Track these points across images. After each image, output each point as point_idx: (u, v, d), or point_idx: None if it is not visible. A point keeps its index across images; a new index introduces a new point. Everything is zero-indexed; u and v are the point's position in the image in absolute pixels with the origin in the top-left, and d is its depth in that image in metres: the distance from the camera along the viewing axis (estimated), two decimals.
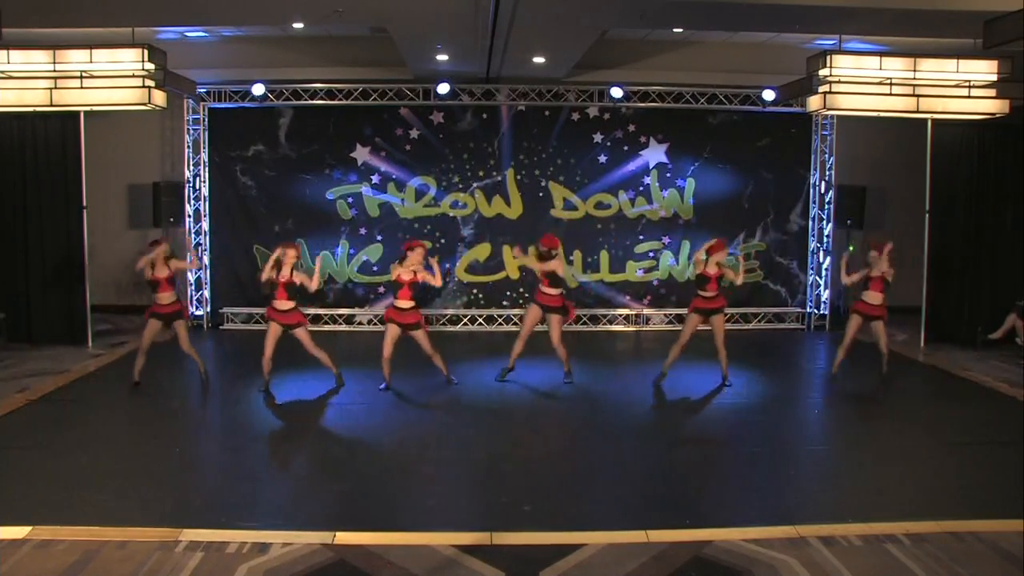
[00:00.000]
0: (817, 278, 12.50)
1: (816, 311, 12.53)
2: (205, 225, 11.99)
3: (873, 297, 8.92)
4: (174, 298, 8.55)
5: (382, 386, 8.48)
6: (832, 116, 11.95)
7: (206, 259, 12.01)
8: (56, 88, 8.85)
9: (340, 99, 11.79)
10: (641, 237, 12.28)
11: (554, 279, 8.71)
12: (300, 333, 8.29)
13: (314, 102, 11.79)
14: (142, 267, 8.40)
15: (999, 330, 10.25)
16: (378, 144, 11.93)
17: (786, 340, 11.89)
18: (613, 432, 7.44)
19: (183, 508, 5.56)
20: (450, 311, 12.18)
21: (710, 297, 8.74)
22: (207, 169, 11.91)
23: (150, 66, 8.75)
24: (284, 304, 8.20)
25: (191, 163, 11.90)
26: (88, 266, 10.61)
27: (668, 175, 12.25)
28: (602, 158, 12.16)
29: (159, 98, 9.13)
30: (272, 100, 11.71)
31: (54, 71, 8.73)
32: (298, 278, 8.17)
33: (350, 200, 12.01)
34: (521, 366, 9.09)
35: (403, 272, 8.33)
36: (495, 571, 4.65)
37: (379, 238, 12.03)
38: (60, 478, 6.06)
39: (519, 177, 12.12)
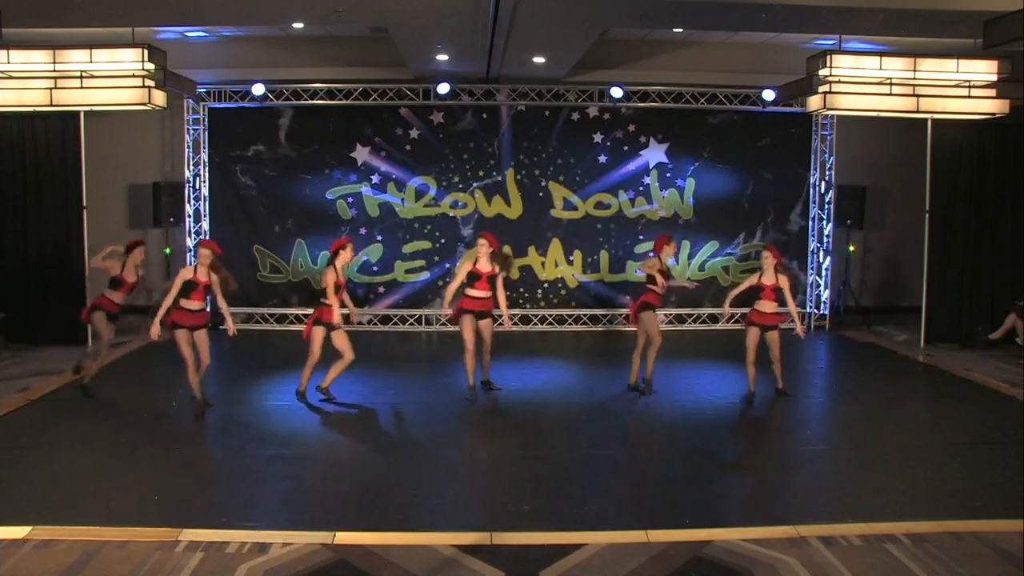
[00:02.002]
0: (817, 278, 12.50)
1: (816, 311, 12.53)
2: (205, 225, 11.98)
3: (767, 306, 8.23)
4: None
5: None
6: (832, 116, 11.96)
7: None
8: (56, 88, 8.84)
9: (340, 99, 11.79)
10: (641, 237, 12.28)
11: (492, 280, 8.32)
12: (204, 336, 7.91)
13: (314, 102, 11.80)
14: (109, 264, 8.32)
15: (999, 330, 10.25)
16: (378, 144, 11.93)
17: (786, 340, 11.81)
18: (613, 432, 7.44)
19: (183, 508, 5.56)
20: (450, 311, 12.16)
21: (661, 295, 8.59)
22: (207, 169, 11.91)
23: (150, 66, 8.76)
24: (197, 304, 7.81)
25: (191, 163, 11.90)
26: (88, 266, 10.60)
27: (668, 175, 12.25)
28: (602, 158, 12.16)
29: (159, 98, 9.13)
30: (272, 100, 11.71)
31: (54, 71, 8.73)
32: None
33: (350, 200, 12.01)
34: (521, 367, 9.07)
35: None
36: (495, 571, 4.65)
37: (379, 238, 12.03)
38: (60, 478, 6.06)
39: (519, 177, 12.13)
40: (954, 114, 9.67)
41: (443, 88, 11.51)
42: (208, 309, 8.07)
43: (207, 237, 11.97)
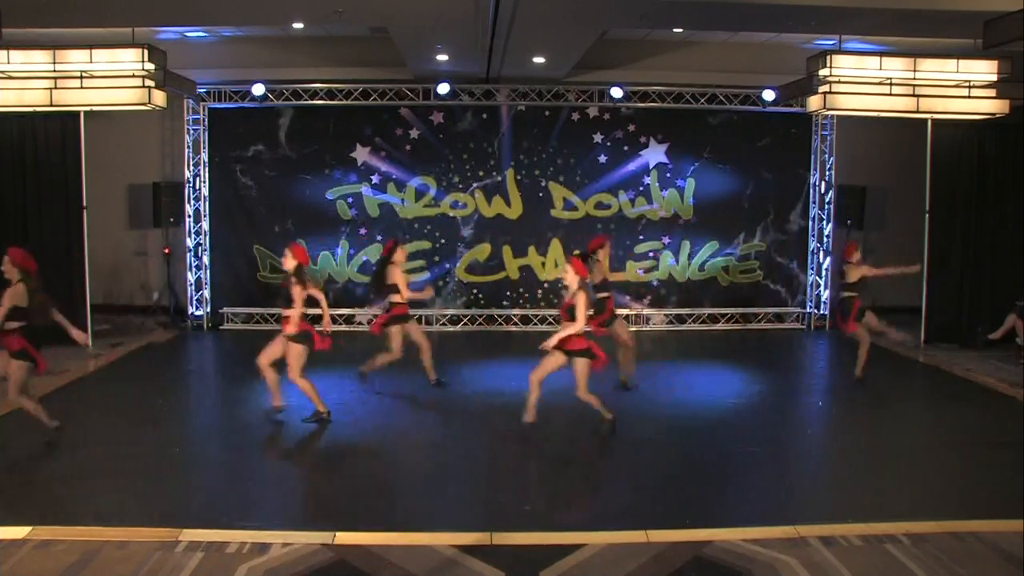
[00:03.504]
0: (817, 278, 12.50)
1: (816, 311, 12.53)
2: (205, 225, 11.98)
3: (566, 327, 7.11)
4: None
5: None
6: (832, 116, 11.95)
7: (206, 259, 12.01)
8: (56, 88, 8.85)
9: (340, 99, 11.79)
10: (641, 237, 12.28)
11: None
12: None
13: (314, 102, 11.79)
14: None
15: (999, 330, 10.23)
16: (378, 144, 11.93)
17: (786, 340, 11.88)
18: (613, 432, 7.42)
19: (183, 508, 5.55)
20: (450, 311, 12.18)
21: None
22: (207, 169, 11.91)
23: (150, 66, 8.76)
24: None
25: (191, 163, 11.90)
26: (88, 266, 10.60)
27: (668, 175, 12.25)
28: (602, 158, 12.16)
29: (159, 98, 9.14)
30: (272, 100, 11.71)
31: (54, 71, 8.74)
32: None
33: (350, 200, 12.01)
34: (521, 367, 9.07)
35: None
36: (495, 571, 4.65)
37: (379, 238, 12.02)
38: (60, 478, 6.05)
39: (519, 177, 12.13)
40: (954, 114, 9.67)
41: (443, 88, 11.52)
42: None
43: (207, 237, 11.97)
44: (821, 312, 12.50)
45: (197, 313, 12.06)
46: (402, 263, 8.54)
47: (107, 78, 8.87)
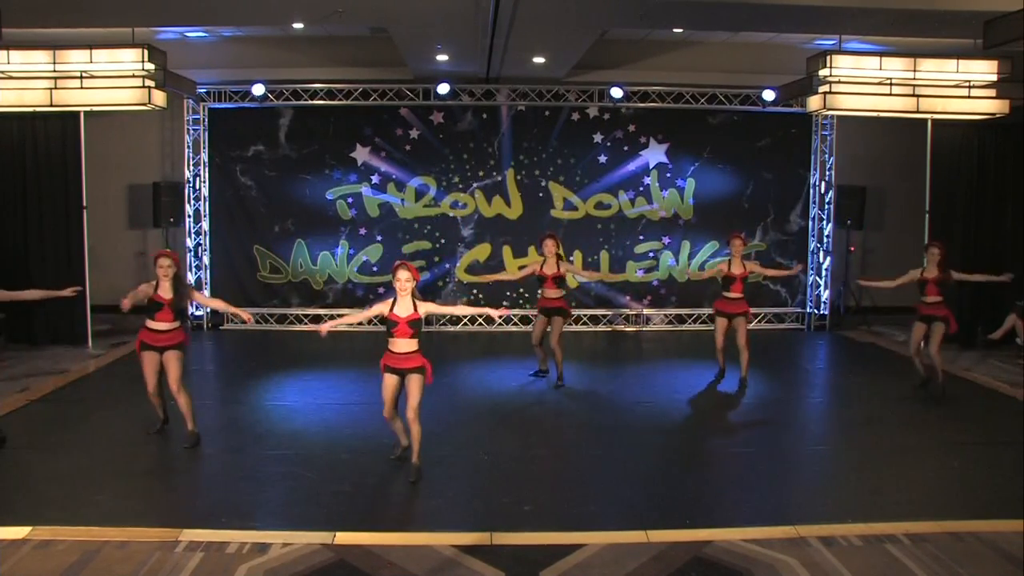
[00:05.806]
0: (817, 278, 12.50)
1: (816, 311, 12.52)
2: (205, 225, 11.98)
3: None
4: None
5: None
6: (832, 116, 11.95)
7: (206, 259, 12.01)
8: (56, 88, 8.86)
9: (340, 99, 11.79)
10: (641, 237, 12.28)
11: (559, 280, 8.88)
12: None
13: (314, 102, 11.79)
14: None
15: (999, 330, 10.23)
16: (378, 144, 11.93)
17: (786, 340, 11.88)
18: (613, 432, 7.44)
19: (183, 508, 5.56)
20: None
21: (734, 299, 8.90)
22: (207, 169, 11.91)
23: (150, 66, 8.77)
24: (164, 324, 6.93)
25: (191, 163, 11.90)
26: (88, 266, 10.60)
27: (668, 175, 12.25)
28: (602, 158, 12.16)
29: (159, 98, 9.14)
30: (272, 100, 11.71)
31: (54, 71, 8.75)
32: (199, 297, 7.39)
33: (350, 200, 12.01)
34: (521, 367, 9.09)
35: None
36: (495, 571, 4.65)
37: (379, 238, 12.03)
38: (60, 478, 6.05)
39: (519, 177, 12.13)
40: (954, 114, 9.67)
41: (443, 88, 11.51)
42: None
43: (207, 237, 11.97)
44: (821, 312, 12.50)
45: (197, 313, 12.06)
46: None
47: (107, 78, 8.88)
